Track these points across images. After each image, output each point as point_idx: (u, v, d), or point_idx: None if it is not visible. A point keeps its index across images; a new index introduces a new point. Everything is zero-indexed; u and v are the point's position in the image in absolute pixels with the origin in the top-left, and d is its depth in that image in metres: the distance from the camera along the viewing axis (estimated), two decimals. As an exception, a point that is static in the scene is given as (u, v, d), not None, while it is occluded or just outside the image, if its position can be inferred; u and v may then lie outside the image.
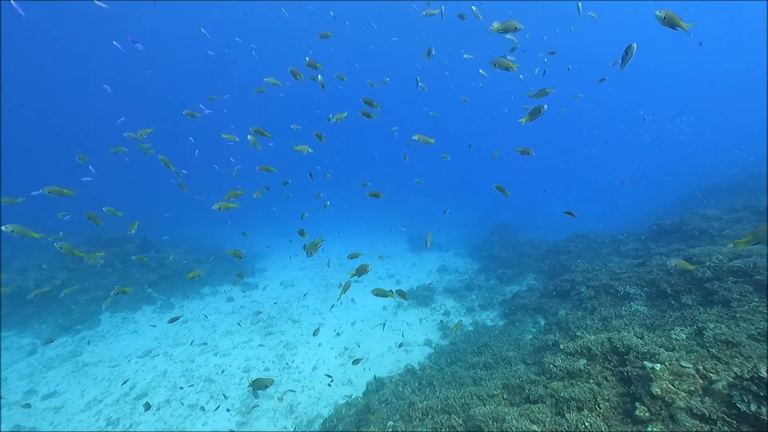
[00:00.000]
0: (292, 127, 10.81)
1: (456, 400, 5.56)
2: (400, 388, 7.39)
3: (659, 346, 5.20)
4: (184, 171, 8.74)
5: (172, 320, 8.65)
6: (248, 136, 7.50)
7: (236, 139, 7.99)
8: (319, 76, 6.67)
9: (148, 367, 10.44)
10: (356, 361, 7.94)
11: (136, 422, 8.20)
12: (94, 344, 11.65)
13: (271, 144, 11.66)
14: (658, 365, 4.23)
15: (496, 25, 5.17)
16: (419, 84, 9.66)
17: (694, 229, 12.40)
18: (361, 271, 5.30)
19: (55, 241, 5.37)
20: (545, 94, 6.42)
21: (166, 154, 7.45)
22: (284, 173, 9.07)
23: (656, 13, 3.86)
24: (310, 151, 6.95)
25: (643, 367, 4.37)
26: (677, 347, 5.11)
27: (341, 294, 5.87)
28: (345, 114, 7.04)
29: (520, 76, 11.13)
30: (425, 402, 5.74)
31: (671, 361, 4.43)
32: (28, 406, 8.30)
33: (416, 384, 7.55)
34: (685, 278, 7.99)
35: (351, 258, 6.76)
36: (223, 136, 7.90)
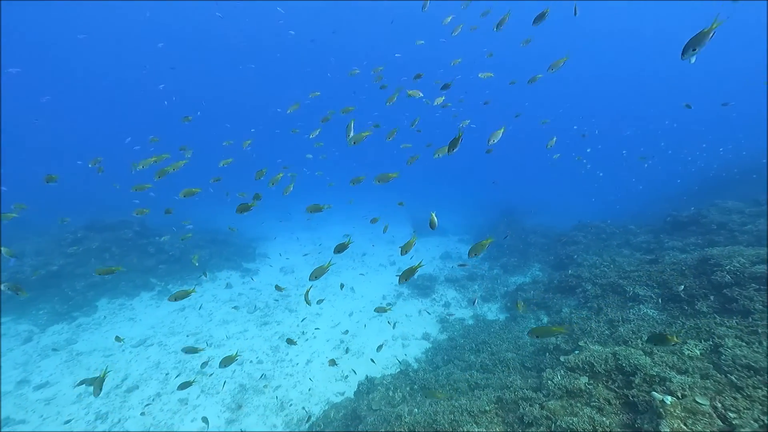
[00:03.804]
0: (292, 130, 10.44)
1: (445, 416, 5.20)
2: (391, 393, 7.10)
3: (670, 368, 4.71)
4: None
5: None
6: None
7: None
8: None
9: (141, 358, 10.36)
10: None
11: (125, 416, 8.12)
12: (89, 332, 11.61)
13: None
14: (669, 398, 3.75)
15: None
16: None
17: (712, 223, 11.65)
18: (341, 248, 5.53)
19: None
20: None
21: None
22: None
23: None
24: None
25: (653, 398, 3.90)
26: (690, 369, 4.61)
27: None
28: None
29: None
30: (413, 416, 5.39)
31: (683, 391, 3.95)
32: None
33: (408, 388, 7.24)
34: (701, 281, 7.40)
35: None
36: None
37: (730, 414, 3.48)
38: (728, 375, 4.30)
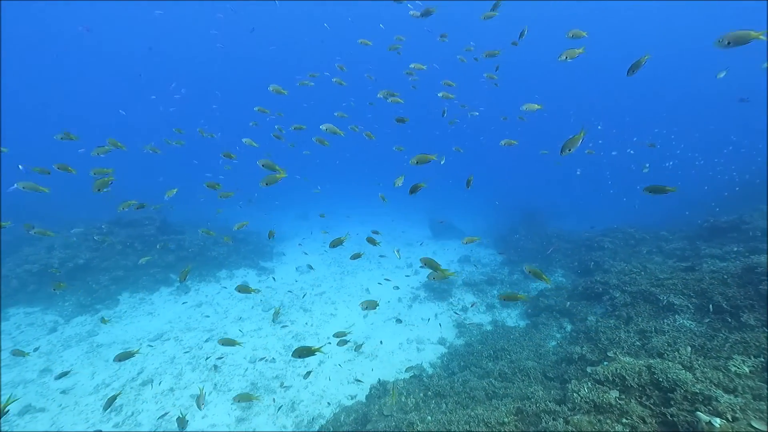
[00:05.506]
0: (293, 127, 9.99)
1: (460, 425, 4.87)
2: (404, 398, 6.80)
3: (715, 385, 4.22)
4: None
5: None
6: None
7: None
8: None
9: (157, 352, 10.46)
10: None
11: (138, 410, 8.16)
12: (110, 324, 11.87)
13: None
14: (718, 420, 3.31)
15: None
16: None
17: (756, 229, 10.78)
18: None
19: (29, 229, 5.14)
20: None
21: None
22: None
23: None
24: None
25: (698, 419, 3.46)
26: (740, 388, 4.11)
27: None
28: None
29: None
30: (425, 424, 5.09)
31: (734, 412, 3.49)
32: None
33: (422, 394, 6.92)
34: (746, 291, 6.76)
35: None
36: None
37: (793, 442, 3.03)
38: (785, 396, 3.79)
